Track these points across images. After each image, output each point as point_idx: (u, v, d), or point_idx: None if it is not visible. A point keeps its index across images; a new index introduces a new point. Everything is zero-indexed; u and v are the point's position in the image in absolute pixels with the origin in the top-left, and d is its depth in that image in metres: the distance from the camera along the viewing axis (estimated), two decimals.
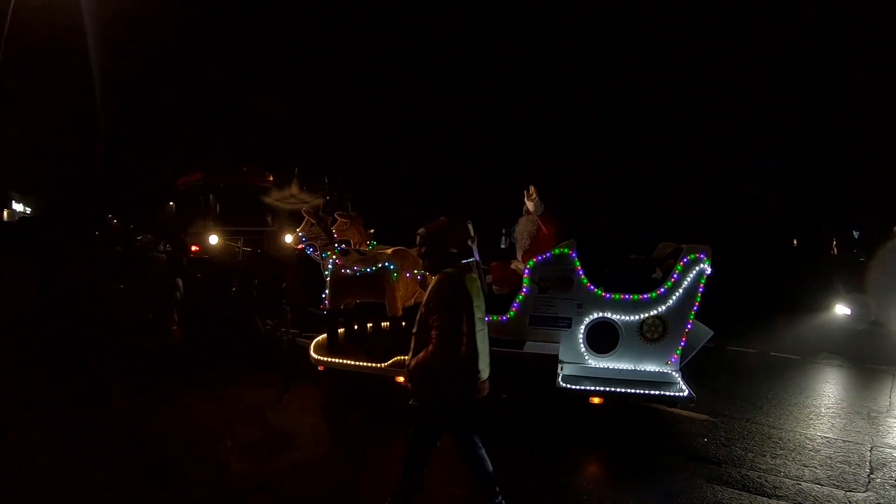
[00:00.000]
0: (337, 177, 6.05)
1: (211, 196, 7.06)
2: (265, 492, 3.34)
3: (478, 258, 5.52)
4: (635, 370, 4.42)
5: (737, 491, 3.41)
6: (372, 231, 5.67)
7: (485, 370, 2.67)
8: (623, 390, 4.13)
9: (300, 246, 5.26)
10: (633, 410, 4.78)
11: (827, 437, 4.46)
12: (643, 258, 4.91)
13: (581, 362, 4.50)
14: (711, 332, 4.56)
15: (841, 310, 8.32)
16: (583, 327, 4.47)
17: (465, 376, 2.56)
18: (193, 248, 6.38)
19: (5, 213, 22.12)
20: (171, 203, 7.40)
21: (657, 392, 4.08)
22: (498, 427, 3.82)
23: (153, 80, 23.37)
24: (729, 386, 5.76)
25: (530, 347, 4.34)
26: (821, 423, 4.80)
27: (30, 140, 21.08)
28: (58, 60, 19.33)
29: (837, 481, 3.62)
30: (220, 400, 4.90)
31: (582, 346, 4.49)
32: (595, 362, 4.49)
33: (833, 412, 5.14)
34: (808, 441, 4.36)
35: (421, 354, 2.55)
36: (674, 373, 4.36)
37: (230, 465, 3.66)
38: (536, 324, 4.56)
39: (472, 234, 5.58)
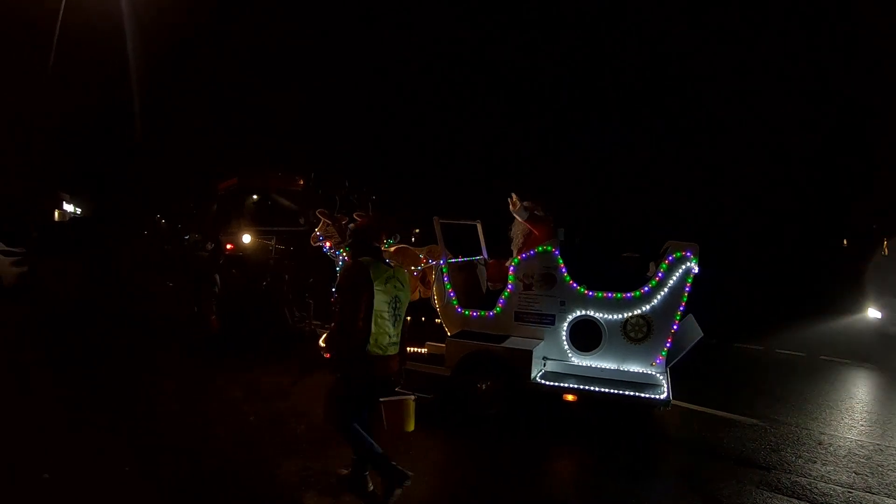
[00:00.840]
0: (360, 180, 6.54)
1: (244, 198, 7.92)
2: (277, 444, 3.82)
3: (486, 256, 5.72)
4: (619, 370, 4.35)
5: (787, 497, 3.31)
6: (417, 230, 6.06)
7: (389, 348, 2.90)
8: (597, 389, 4.10)
9: (317, 244, 5.76)
10: (681, 414, 4.77)
11: (878, 445, 4.25)
12: (636, 256, 4.80)
13: (565, 360, 4.51)
14: (702, 334, 4.35)
15: (872, 313, 7.76)
16: (566, 325, 4.49)
17: (357, 353, 2.80)
18: (228, 246, 7.17)
19: (56, 214, 21.90)
20: (214, 205, 8.36)
21: (631, 393, 3.99)
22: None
23: (197, 91, 25.87)
24: (776, 389, 5.74)
25: (512, 343, 4.43)
26: (872, 430, 4.64)
27: (80, 143, 23.04)
28: (106, 67, 20.85)
29: (890, 490, 3.46)
30: (247, 381, 5.44)
31: (565, 343, 4.50)
32: (578, 360, 4.48)
33: (884, 419, 4.96)
34: (859, 448, 4.18)
35: (330, 329, 2.89)
36: (658, 374, 4.24)
37: (254, 430, 4.13)
38: (521, 320, 4.64)
39: (481, 235, 5.82)
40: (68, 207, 24.50)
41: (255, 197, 7.90)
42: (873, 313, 7.61)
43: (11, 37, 17.42)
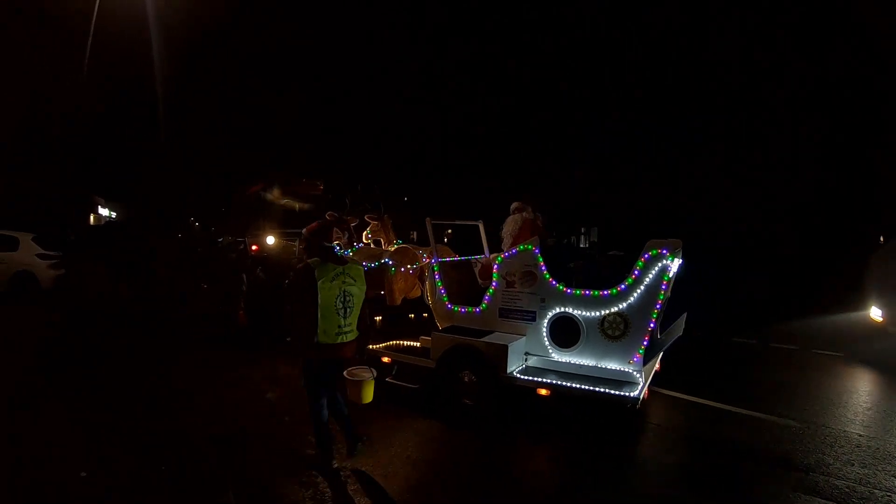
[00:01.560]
0: (373, 185, 6.94)
1: (270, 203, 8.59)
2: (290, 419, 4.40)
3: (487, 255, 5.91)
4: (597, 367, 4.37)
5: (825, 500, 3.31)
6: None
7: (339, 337, 3.20)
8: (568, 384, 4.15)
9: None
10: (717, 414, 4.84)
11: None
12: (621, 255, 4.76)
13: (545, 355, 4.60)
14: (680, 333, 4.25)
15: (874, 313, 7.03)
16: (546, 321, 4.57)
17: (307, 341, 3.15)
18: (253, 247, 7.82)
19: (91, 218, 22.50)
20: (243, 209, 9.11)
21: (601, 389, 4.02)
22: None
23: (223, 96, 27.53)
24: (811, 390, 5.67)
25: (492, 338, 4.58)
26: None
27: (113, 147, 23.57)
28: (133, 70, 21.50)
29: None
30: (266, 369, 6.03)
31: (546, 339, 4.59)
32: (558, 356, 4.55)
33: None
34: None
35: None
36: (635, 372, 4.21)
37: (270, 409, 4.71)
38: (505, 316, 4.79)
39: (483, 235, 6.02)
40: (103, 211, 25.29)
41: (283, 201, 8.60)
42: (875, 313, 6.93)
43: (46, 45, 17.94)
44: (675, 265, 4.14)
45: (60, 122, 17.82)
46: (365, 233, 6.37)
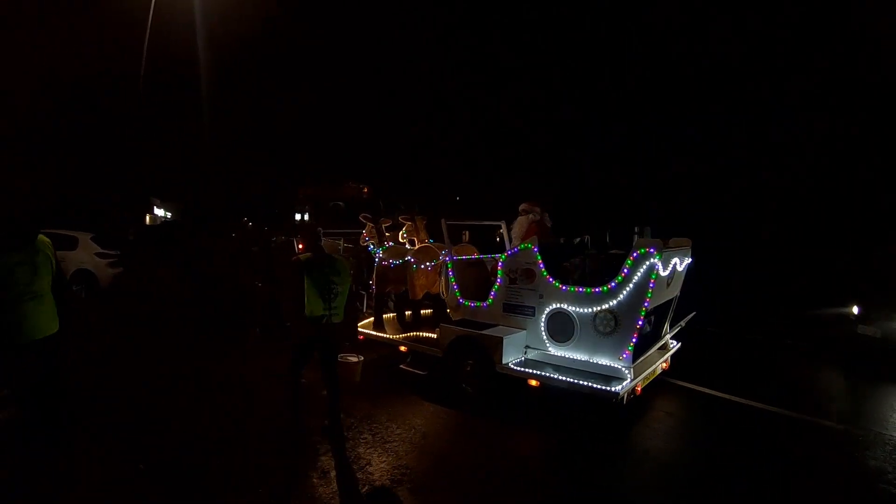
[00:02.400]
0: (405, 187, 7.48)
1: (320, 204, 9.44)
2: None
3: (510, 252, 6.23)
4: (589, 361, 4.53)
5: None
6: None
7: (326, 318, 3.79)
8: (556, 376, 4.36)
9: (364, 244, 6.88)
10: (787, 422, 4.84)
11: None
12: (622, 253, 4.82)
13: (543, 349, 4.83)
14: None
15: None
16: (544, 316, 4.80)
17: (297, 318, 3.75)
18: (300, 246, 8.66)
19: (147, 218, 23.16)
20: (294, 210, 10.01)
21: (585, 383, 4.19)
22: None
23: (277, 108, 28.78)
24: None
25: (492, 330, 4.90)
26: None
27: (170, 152, 24.08)
28: (193, 82, 21.95)
29: None
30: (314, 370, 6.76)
31: (543, 333, 4.82)
32: (555, 350, 4.76)
33: None
34: None
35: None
36: (624, 368, 4.31)
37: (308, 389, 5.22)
38: (508, 311, 5.08)
39: (506, 234, 6.34)
40: (158, 212, 25.74)
41: (330, 203, 9.45)
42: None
43: (102, 51, 18.70)
44: (679, 263, 4.20)
45: (115, 124, 18.27)
46: (400, 233, 6.92)
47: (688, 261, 5.20)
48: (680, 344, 5.57)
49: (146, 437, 4.04)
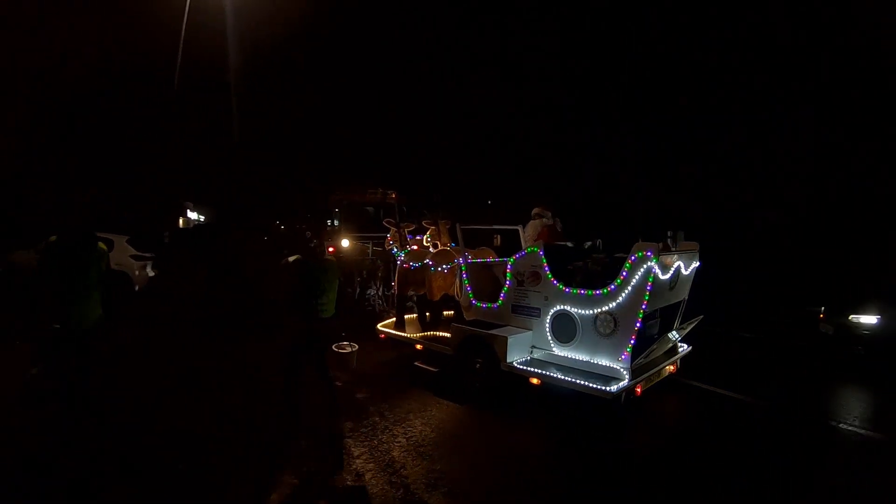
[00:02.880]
0: (434, 194, 7.83)
1: (350, 209, 9.92)
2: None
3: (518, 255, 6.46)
4: (590, 362, 4.66)
5: None
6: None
7: (317, 312, 4.19)
8: (555, 375, 4.53)
9: (388, 248, 7.28)
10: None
11: None
12: (624, 256, 4.91)
13: (548, 349, 5.00)
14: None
15: None
16: (548, 317, 4.98)
17: (294, 312, 4.17)
18: (330, 249, 9.14)
19: (181, 221, 23.15)
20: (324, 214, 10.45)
21: (583, 382, 4.33)
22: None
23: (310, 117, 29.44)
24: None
25: (498, 330, 5.13)
26: None
27: (204, 158, 24.22)
28: (225, 85, 21.90)
29: None
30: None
31: (548, 334, 4.99)
32: (559, 350, 4.92)
33: None
34: None
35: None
36: (622, 369, 4.42)
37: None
38: (516, 312, 5.29)
39: (522, 238, 6.57)
40: (192, 215, 25.98)
41: (360, 208, 9.94)
42: None
43: (137, 58, 18.86)
44: (684, 267, 4.31)
45: (149, 128, 18.66)
46: (425, 237, 7.27)
47: (695, 264, 5.21)
48: (690, 347, 5.57)
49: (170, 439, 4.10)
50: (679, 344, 5.48)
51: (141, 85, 19.22)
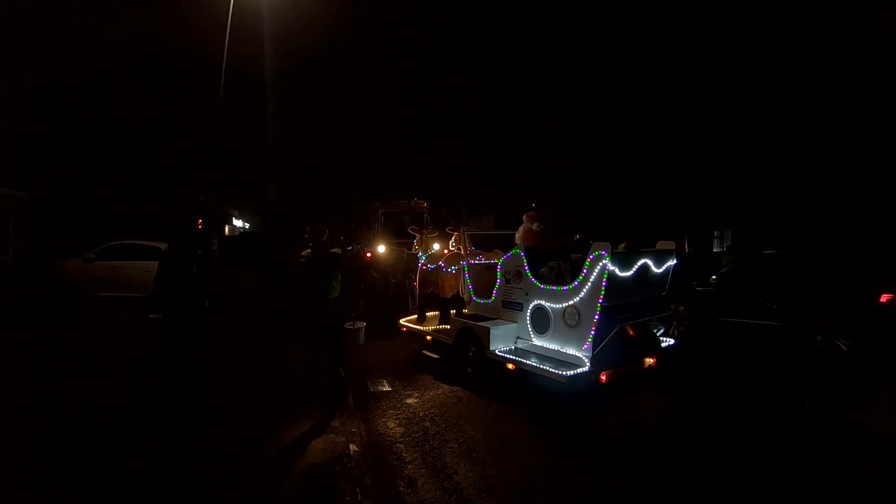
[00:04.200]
0: (458, 201, 8.67)
1: (386, 217, 10.93)
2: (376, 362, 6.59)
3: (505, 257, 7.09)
4: (560, 351, 5.20)
5: None
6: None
7: (325, 295, 5.17)
8: (524, 361, 5.13)
9: (414, 251, 8.21)
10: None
11: None
12: None
13: (528, 339, 5.60)
14: None
15: None
16: (528, 311, 5.58)
17: (304, 300, 5.14)
18: (368, 254, 10.20)
19: (226, 229, 23.36)
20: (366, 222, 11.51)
21: (544, 367, 4.89)
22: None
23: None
24: None
25: (487, 322, 5.82)
26: None
27: (247, 166, 25.68)
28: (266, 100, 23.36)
29: None
30: (369, 338, 8.24)
31: (529, 326, 5.59)
32: (537, 340, 5.50)
33: None
34: None
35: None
36: (584, 357, 4.91)
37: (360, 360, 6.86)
38: (505, 307, 5.95)
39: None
40: (237, 222, 26.46)
41: (395, 216, 10.96)
42: None
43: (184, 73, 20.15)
44: (655, 265, 4.79)
45: (192, 137, 18.81)
46: (450, 242, 8.13)
47: (670, 263, 5.52)
48: (674, 341, 5.83)
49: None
50: (661, 338, 5.78)
51: (184, 93, 19.89)
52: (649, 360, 5.49)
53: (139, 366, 5.76)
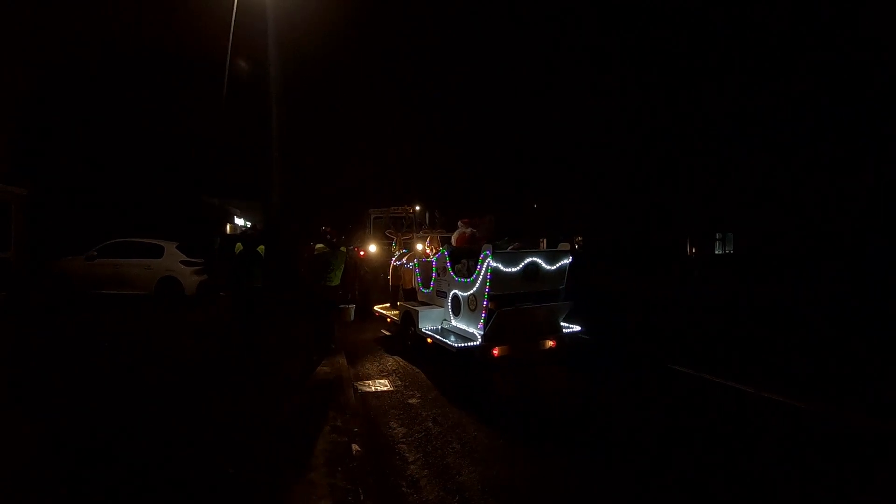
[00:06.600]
0: (434, 209, 10.13)
1: (377, 220, 12.42)
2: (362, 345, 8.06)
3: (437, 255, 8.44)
4: (466, 330, 6.54)
5: None
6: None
7: (327, 282, 6.83)
8: (436, 336, 6.53)
9: (392, 251, 9.78)
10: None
11: None
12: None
13: (450, 321, 6.99)
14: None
15: None
16: (449, 298, 6.96)
17: (308, 286, 6.80)
18: (361, 253, 11.76)
19: (228, 227, 23.33)
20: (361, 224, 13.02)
21: (445, 340, 6.27)
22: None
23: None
24: None
25: (418, 306, 7.27)
26: None
27: (251, 166, 25.61)
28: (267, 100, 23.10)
29: None
30: (356, 323, 9.89)
31: (450, 309, 6.97)
32: (454, 321, 6.88)
33: None
34: None
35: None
36: (478, 334, 6.22)
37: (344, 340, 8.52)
38: (438, 295, 7.36)
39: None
40: (239, 221, 26.48)
41: (387, 218, 12.53)
42: None
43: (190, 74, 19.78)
44: (547, 263, 6.15)
45: (197, 136, 18.96)
46: (425, 242, 9.62)
47: (565, 261, 6.65)
48: (579, 328, 6.94)
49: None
50: (562, 324, 6.92)
51: (187, 90, 19.74)
52: (549, 343, 6.67)
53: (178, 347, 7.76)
